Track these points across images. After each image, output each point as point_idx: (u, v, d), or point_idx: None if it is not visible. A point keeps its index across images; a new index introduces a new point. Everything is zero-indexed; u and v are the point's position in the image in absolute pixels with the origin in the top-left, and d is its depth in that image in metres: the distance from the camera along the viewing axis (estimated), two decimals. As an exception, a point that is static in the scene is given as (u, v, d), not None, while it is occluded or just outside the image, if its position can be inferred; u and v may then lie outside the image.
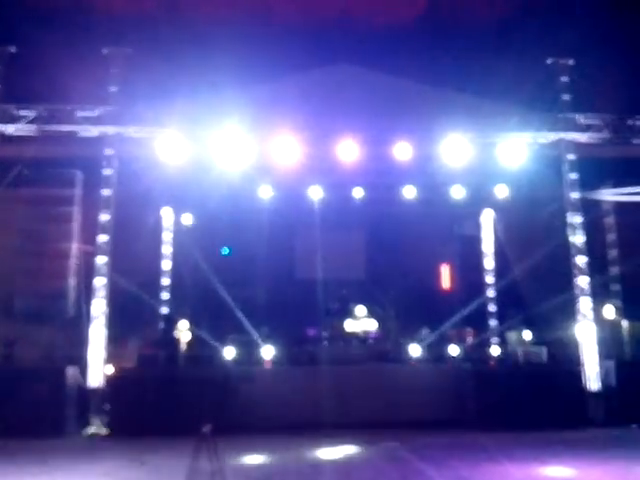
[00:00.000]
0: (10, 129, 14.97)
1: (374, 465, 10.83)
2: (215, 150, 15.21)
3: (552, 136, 15.82)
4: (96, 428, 14.09)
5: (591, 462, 10.40)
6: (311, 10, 16.27)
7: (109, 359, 14.87)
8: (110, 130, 15.11)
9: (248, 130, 15.04)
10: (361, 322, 19.54)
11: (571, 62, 15.71)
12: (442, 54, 15.29)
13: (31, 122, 14.93)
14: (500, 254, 20.84)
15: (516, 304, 19.16)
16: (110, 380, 14.61)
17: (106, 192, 15.14)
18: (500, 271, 20.79)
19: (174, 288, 20.68)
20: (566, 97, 15.80)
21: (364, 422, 14.43)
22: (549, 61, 15.73)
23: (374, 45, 15.27)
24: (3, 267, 15.43)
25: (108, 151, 15.16)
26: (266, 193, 19.03)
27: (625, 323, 16.76)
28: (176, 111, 14.97)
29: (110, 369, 14.93)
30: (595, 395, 14.84)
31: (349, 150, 15.29)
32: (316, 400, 14.68)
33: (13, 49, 15.10)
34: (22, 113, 14.92)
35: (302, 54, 14.73)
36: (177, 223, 21.27)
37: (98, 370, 14.46)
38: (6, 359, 15.04)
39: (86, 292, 15.09)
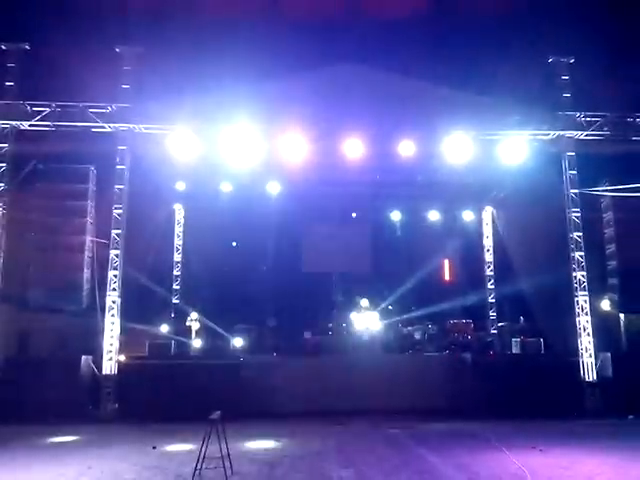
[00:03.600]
0: (25, 125, 15.14)
1: (376, 450, 10.90)
2: (225, 147, 15.34)
3: (552, 133, 15.90)
4: (108, 414, 14.42)
5: (588, 451, 10.49)
6: (318, 10, 16.41)
7: (122, 349, 15.16)
8: (122, 127, 15.28)
9: (257, 127, 15.20)
10: (365, 314, 19.83)
11: (571, 60, 15.83)
12: (445, 53, 15.38)
13: (45, 118, 15.05)
14: (500, 249, 21.01)
15: (515, 297, 19.40)
16: (122, 368, 14.89)
17: (119, 187, 15.42)
18: (500, 265, 20.99)
19: (185, 281, 21.10)
20: (566, 95, 15.91)
21: (366, 409, 14.72)
22: (550, 59, 15.80)
23: (379, 44, 15.38)
24: (19, 260, 15.60)
25: (121, 147, 15.37)
26: (274, 189, 19.27)
27: (622, 316, 16.97)
28: (187, 109, 15.12)
29: (122, 358, 15.24)
30: (592, 386, 15.06)
31: (355, 148, 15.47)
32: (320, 388, 15.01)
33: (27, 47, 15.21)
34: (36, 110, 15.07)
35: (309, 53, 14.82)
36: (188, 218, 21.70)
37: (111, 359, 14.78)
38: (22, 349, 15.34)
39: (99, 284, 15.35)
